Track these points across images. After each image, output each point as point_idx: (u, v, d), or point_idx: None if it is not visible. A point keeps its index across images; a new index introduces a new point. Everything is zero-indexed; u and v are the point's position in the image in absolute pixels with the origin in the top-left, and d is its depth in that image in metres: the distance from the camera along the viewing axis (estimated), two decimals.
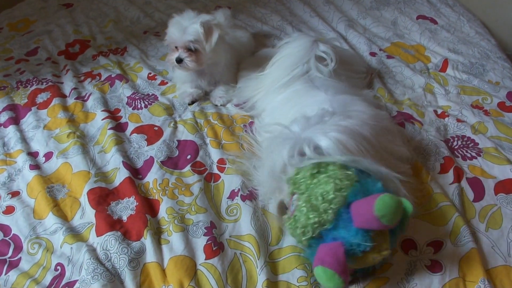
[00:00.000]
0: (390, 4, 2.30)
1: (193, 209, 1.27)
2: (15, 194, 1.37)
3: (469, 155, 1.44)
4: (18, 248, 1.23)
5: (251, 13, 2.32)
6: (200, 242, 1.19)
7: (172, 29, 1.62)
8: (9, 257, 1.21)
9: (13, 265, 1.19)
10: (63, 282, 1.14)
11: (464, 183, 1.34)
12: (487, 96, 1.70)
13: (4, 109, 1.69)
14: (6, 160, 1.48)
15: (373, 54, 1.96)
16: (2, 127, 1.61)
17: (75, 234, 1.24)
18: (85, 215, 1.29)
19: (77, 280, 1.14)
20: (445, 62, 1.89)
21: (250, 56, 1.92)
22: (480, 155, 1.43)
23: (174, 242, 1.19)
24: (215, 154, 1.45)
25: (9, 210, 1.32)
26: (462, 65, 1.87)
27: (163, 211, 1.27)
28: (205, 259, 1.15)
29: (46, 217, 1.29)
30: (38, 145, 1.53)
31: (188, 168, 1.40)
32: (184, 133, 1.54)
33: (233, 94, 1.71)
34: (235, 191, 1.32)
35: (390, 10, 2.26)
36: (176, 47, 1.63)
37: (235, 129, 1.56)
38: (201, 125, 1.58)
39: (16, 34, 2.22)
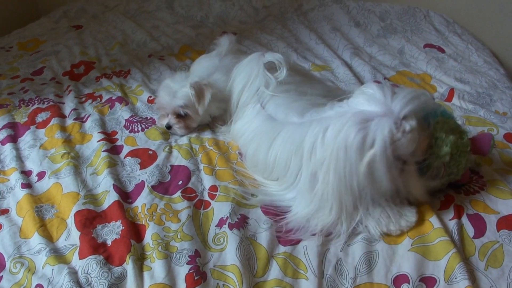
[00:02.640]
0: (397, 32, 2.29)
1: (178, 236, 1.23)
2: (4, 212, 1.37)
3: (472, 190, 1.37)
4: (1, 266, 1.22)
5: (257, 39, 2.33)
6: (182, 270, 1.15)
7: (162, 93, 1.62)
8: None
9: None
10: None
11: (464, 219, 1.27)
12: (493, 127, 1.64)
13: (3, 127, 1.70)
14: None
15: (377, 82, 1.87)
16: (0, 144, 1.62)
17: (58, 256, 1.22)
18: (70, 237, 1.27)
19: None
20: (451, 91, 1.85)
21: None
22: (483, 189, 1.36)
23: (156, 269, 1.16)
24: (207, 181, 1.42)
25: None
26: (468, 95, 1.83)
27: (149, 237, 1.24)
28: None
29: (32, 236, 1.27)
30: (32, 164, 1.53)
31: (178, 194, 1.37)
32: (178, 158, 1.52)
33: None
34: (224, 219, 1.27)
35: (397, 38, 2.25)
36: (165, 112, 1.63)
37: (230, 156, 1.53)
38: (196, 150, 1.56)
39: (24, 53, 2.27)
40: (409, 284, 1.13)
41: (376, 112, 1.15)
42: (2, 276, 1.20)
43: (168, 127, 1.62)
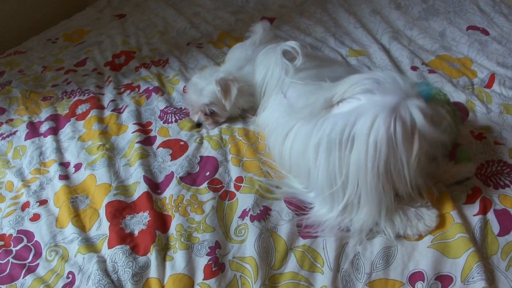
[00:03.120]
0: (440, 14, 2.19)
1: (201, 228, 1.28)
2: (43, 202, 1.46)
3: (502, 183, 1.32)
4: (38, 254, 1.32)
5: (296, 24, 2.32)
6: (202, 261, 1.20)
7: (189, 92, 1.66)
8: (28, 262, 1.30)
9: (31, 270, 1.28)
10: None
11: (490, 214, 1.23)
12: None
13: (46, 119, 1.81)
14: (40, 169, 1.58)
15: (414, 68, 1.87)
16: (42, 136, 1.73)
17: (90, 245, 1.30)
18: (101, 227, 1.35)
19: None
20: (492, 77, 1.77)
21: None
22: None
23: (177, 259, 1.21)
24: (234, 172, 1.45)
25: (36, 217, 1.41)
26: (510, 80, 1.74)
27: (173, 228, 1.30)
28: (203, 279, 1.17)
29: (67, 226, 1.36)
30: (71, 155, 1.62)
31: (205, 185, 1.42)
32: (208, 149, 1.56)
33: None
34: (246, 210, 1.31)
35: (439, 20, 2.15)
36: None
37: (259, 146, 1.55)
38: (226, 141, 1.59)
39: (69, 44, 2.39)
40: (423, 282, 1.12)
41: (396, 98, 1.11)
42: (38, 264, 1.30)
43: (199, 124, 1.67)
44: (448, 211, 1.23)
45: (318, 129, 1.20)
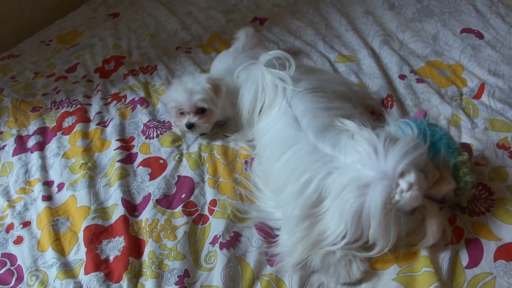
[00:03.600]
0: (434, 15, 2.11)
1: (172, 255, 1.30)
2: (26, 224, 1.50)
3: (477, 210, 1.29)
4: (20, 278, 1.35)
5: (286, 26, 2.28)
6: None
7: (176, 93, 1.61)
8: (11, 287, 1.33)
9: None
10: None
11: (461, 245, 1.21)
12: None
13: (34, 133, 1.85)
14: (25, 189, 1.62)
15: (402, 77, 1.82)
16: (29, 152, 1.76)
17: (68, 270, 1.33)
18: (79, 251, 1.38)
19: None
20: (482, 87, 1.71)
21: None
22: (490, 210, 1.28)
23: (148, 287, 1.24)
24: (209, 194, 1.46)
25: (19, 240, 1.45)
26: (499, 91, 1.68)
27: (146, 254, 1.32)
28: None
29: (47, 250, 1.40)
30: (55, 174, 1.65)
31: (179, 208, 1.43)
32: (186, 168, 1.57)
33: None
34: (217, 236, 1.32)
35: (432, 22, 2.07)
36: (181, 113, 1.63)
37: (236, 165, 1.55)
38: (204, 159, 1.59)
39: (62, 47, 2.40)
40: None
41: (372, 177, 1.13)
42: None
43: (190, 125, 1.63)
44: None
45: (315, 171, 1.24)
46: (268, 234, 1.32)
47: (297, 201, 1.25)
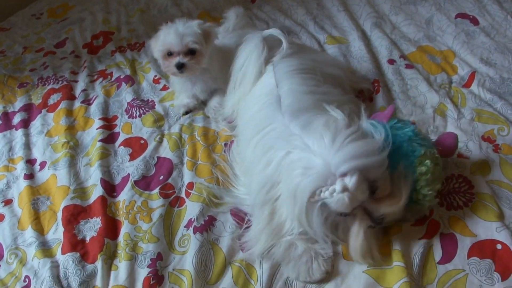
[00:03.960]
0: None
1: (146, 238, 1.31)
2: (8, 202, 1.52)
3: (455, 204, 1.27)
4: (0, 256, 1.37)
5: (278, 4, 2.24)
6: (142, 273, 1.24)
7: (167, 36, 1.60)
8: None
9: None
10: None
11: (436, 239, 1.19)
12: (504, 126, 1.47)
13: (20, 109, 1.85)
14: (8, 167, 1.63)
15: (391, 61, 1.79)
16: (14, 129, 1.77)
17: (46, 249, 1.35)
18: (58, 231, 1.40)
19: None
20: (472, 75, 1.67)
21: None
22: (468, 205, 1.26)
23: (121, 270, 1.26)
24: (187, 176, 1.47)
25: (0, 217, 1.47)
26: (490, 80, 1.64)
27: (121, 236, 1.33)
28: None
29: (27, 229, 1.42)
30: (37, 152, 1.66)
31: (157, 190, 1.44)
32: (166, 150, 1.57)
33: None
34: (192, 220, 1.33)
35: (427, 5, 2.02)
36: (169, 55, 1.62)
37: (216, 148, 1.55)
38: (185, 141, 1.59)
39: (53, 21, 2.39)
40: None
41: (317, 164, 1.09)
42: (0, 266, 1.36)
43: (181, 65, 1.61)
44: (390, 235, 1.21)
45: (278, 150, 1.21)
46: (242, 219, 1.32)
47: (259, 184, 1.24)
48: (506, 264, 1.12)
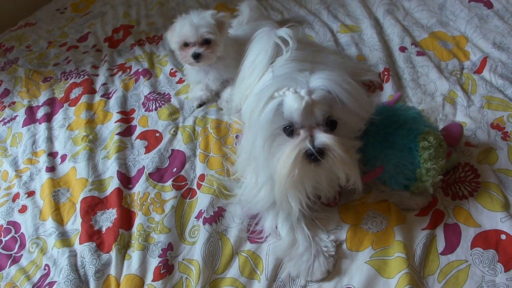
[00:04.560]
0: None
1: (158, 228, 1.37)
2: (30, 194, 1.60)
3: (461, 193, 1.28)
4: (22, 245, 1.46)
5: None
6: (153, 262, 1.30)
7: (182, 27, 1.65)
8: (14, 253, 1.45)
9: (16, 260, 1.43)
10: (47, 281, 1.35)
11: (439, 229, 1.21)
12: None
13: (43, 103, 1.94)
14: (32, 159, 1.72)
15: (402, 49, 1.78)
16: (37, 123, 1.86)
17: (64, 239, 1.43)
18: (76, 222, 1.47)
19: (56, 281, 1.33)
20: (484, 61, 1.65)
21: None
22: (473, 195, 1.26)
23: (134, 259, 1.32)
24: (199, 169, 1.51)
25: (23, 209, 1.55)
26: (502, 65, 1.62)
27: (135, 227, 1.40)
28: (152, 281, 1.27)
29: (48, 220, 1.50)
30: (59, 145, 1.74)
31: (170, 182, 1.49)
32: (180, 142, 1.62)
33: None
34: (202, 211, 1.37)
35: None
36: (185, 45, 1.67)
37: (227, 140, 1.59)
38: (198, 133, 1.64)
39: (76, 15, 2.46)
40: None
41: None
42: (22, 255, 1.44)
43: (197, 55, 1.67)
44: (394, 225, 1.22)
45: None
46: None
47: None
48: (510, 254, 1.13)
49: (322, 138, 1.09)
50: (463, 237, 1.18)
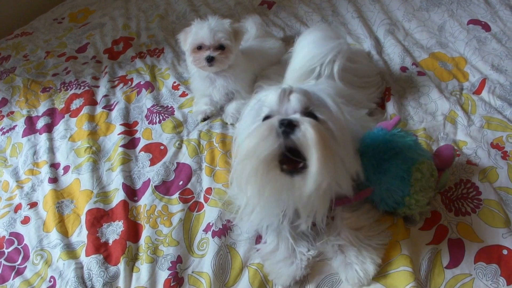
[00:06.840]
0: (442, 5, 2.08)
1: (167, 241, 1.37)
2: (33, 205, 1.59)
3: (463, 210, 1.32)
4: (26, 257, 1.45)
5: (294, 11, 2.28)
6: (163, 275, 1.30)
7: (200, 30, 1.69)
8: (17, 265, 1.43)
9: (19, 272, 1.41)
10: None
11: (444, 244, 1.24)
12: None
13: (43, 114, 1.93)
14: (33, 170, 1.71)
15: (404, 69, 1.83)
16: (38, 133, 1.84)
17: (70, 251, 1.42)
18: (81, 234, 1.46)
19: None
20: (483, 82, 1.70)
21: (275, 65, 1.90)
22: (475, 212, 1.30)
23: (142, 272, 1.32)
24: (205, 182, 1.52)
25: (26, 220, 1.54)
26: (500, 87, 1.67)
27: (143, 239, 1.39)
28: None
29: (52, 231, 1.48)
30: (61, 156, 1.73)
31: (176, 195, 1.50)
32: (185, 156, 1.63)
33: None
34: (210, 224, 1.38)
35: (440, 12, 2.05)
36: (198, 49, 1.70)
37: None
38: (203, 147, 1.65)
39: (74, 26, 2.45)
40: None
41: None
42: (26, 266, 1.43)
43: (210, 58, 1.69)
44: (399, 240, 1.25)
45: None
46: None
47: None
48: None
49: (296, 115, 1.09)
50: (467, 252, 1.21)
